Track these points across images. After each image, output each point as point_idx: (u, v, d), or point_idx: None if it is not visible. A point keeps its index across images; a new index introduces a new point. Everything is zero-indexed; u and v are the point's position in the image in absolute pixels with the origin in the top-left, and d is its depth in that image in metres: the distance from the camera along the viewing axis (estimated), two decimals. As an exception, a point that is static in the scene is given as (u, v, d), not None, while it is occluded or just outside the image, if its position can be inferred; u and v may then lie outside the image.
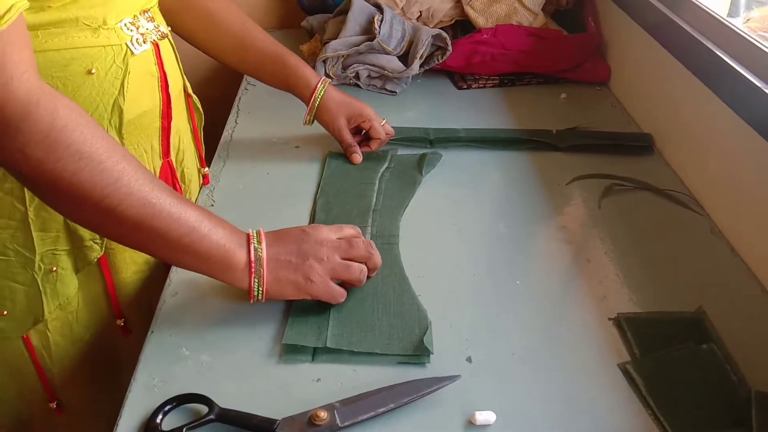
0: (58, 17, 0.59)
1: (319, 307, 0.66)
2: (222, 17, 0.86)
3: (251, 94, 1.13)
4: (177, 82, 0.76)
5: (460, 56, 1.13)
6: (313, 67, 1.12)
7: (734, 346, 0.64)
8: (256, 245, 0.61)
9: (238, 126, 1.03)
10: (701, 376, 0.61)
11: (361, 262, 0.66)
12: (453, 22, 1.21)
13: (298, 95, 0.90)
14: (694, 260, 0.77)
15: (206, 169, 0.88)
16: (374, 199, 0.84)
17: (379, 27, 1.08)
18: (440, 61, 1.12)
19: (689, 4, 0.93)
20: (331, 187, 0.86)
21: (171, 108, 0.74)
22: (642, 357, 0.63)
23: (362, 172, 0.89)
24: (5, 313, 0.68)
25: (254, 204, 0.85)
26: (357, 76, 1.12)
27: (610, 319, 0.68)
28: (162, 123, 0.74)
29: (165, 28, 0.74)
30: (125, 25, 0.66)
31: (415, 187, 0.87)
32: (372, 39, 1.08)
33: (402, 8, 1.19)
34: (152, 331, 0.65)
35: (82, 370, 0.76)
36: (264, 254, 0.61)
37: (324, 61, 1.10)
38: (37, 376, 0.74)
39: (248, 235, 0.62)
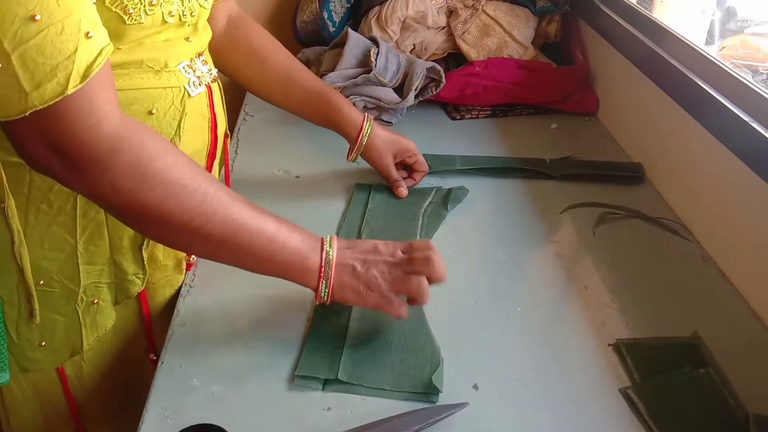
0: (125, 59, 0.61)
1: (334, 338, 0.68)
2: (269, 54, 0.89)
3: (249, 125, 1.15)
4: (222, 123, 0.78)
5: (454, 88, 1.16)
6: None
7: (729, 370, 0.66)
8: (328, 248, 0.64)
9: (238, 156, 1.05)
10: (700, 400, 0.63)
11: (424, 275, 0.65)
12: (446, 54, 1.25)
13: (343, 133, 0.92)
14: (687, 286, 0.80)
15: None
16: (418, 236, 0.86)
17: (375, 60, 1.11)
18: (434, 93, 1.15)
19: (673, 38, 0.98)
20: (375, 220, 0.88)
21: (216, 148, 0.76)
22: (642, 382, 0.65)
23: (406, 206, 0.91)
24: (44, 344, 0.69)
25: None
26: (353, 107, 1.14)
27: (609, 344, 0.70)
28: (207, 162, 0.76)
29: (215, 71, 0.75)
30: (183, 68, 0.68)
31: (439, 222, 0.89)
32: (368, 71, 1.11)
33: (396, 41, 1.22)
34: (162, 362, 0.65)
35: (109, 400, 0.77)
36: (333, 258, 0.63)
37: (321, 93, 1.12)
38: (68, 405, 0.74)
39: (322, 240, 0.64)
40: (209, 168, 0.76)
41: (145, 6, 0.59)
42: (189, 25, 0.66)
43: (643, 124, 1.05)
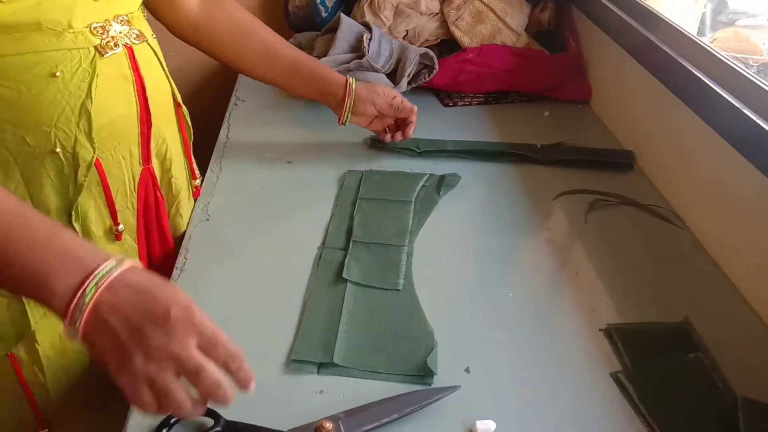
0: (19, 20, 0.59)
1: (328, 322, 0.68)
2: (252, 29, 0.89)
3: (241, 109, 1.14)
4: (162, 88, 0.76)
5: (447, 75, 1.16)
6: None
7: (719, 355, 0.67)
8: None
9: (229, 141, 1.04)
10: (690, 384, 0.63)
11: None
12: (438, 41, 1.24)
13: (330, 95, 0.93)
14: (677, 272, 0.80)
15: (197, 181, 0.89)
16: (410, 221, 0.85)
17: (368, 45, 1.10)
18: (427, 80, 1.14)
19: (666, 25, 0.97)
20: (367, 204, 0.88)
21: (150, 114, 0.73)
22: (633, 366, 0.65)
23: (399, 192, 0.91)
24: None
25: (251, 219, 0.85)
26: (346, 93, 1.14)
27: (600, 329, 0.70)
28: (141, 129, 0.73)
29: (146, 32, 0.73)
30: (94, 29, 0.66)
31: (432, 208, 0.89)
32: (361, 57, 1.10)
33: (389, 27, 1.22)
34: (153, 346, 0.65)
35: (78, 390, 0.74)
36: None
37: (313, 78, 1.12)
38: (25, 398, 0.70)
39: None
40: (146, 134, 0.73)
41: None
42: None
43: (636, 112, 1.05)
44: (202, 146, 1.05)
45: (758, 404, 0.61)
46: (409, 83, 1.13)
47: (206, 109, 1.20)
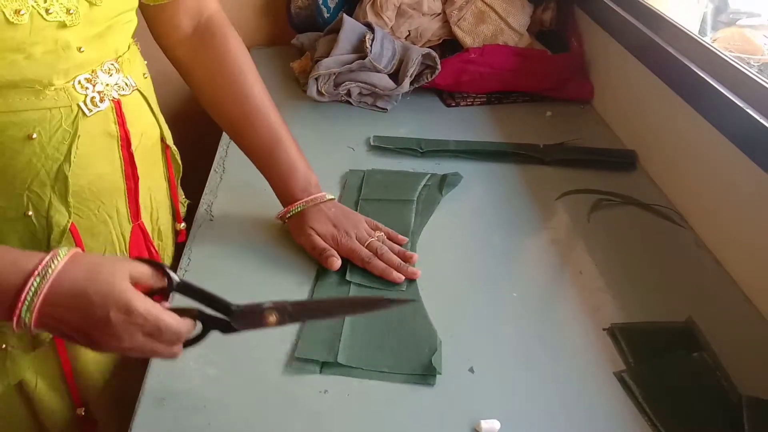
0: None
1: (332, 321, 0.67)
2: (240, 82, 0.77)
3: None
4: (151, 134, 0.70)
5: (449, 75, 1.16)
6: (305, 84, 1.14)
7: (723, 354, 0.67)
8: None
9: (231, 144, 1.03)
10: (694, 383, 0.63)
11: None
12: (441, 41, 1.24)
13: (282, 196, 0.81)
14: (681, 272, 0.80)
15: (182, 225, 0.82)
16: (413, 221, 0.85)
17: (371, 46, 1.10)
18: (429, 80, 1.14)
19: (669, 25, 0.97)
20: (369, 205, 0.88)
21: (136, 167, 0.67)
22: (637, 365, 0.65)
23: (401, 191, 0.90)
24: None
25: (254, 219, 0.85)
26: (348, 94, 1.14)
27: (604, 329, 0.70)
28: (127, 185, 0.66)
29: (136, 75, 0.67)
30: (79, 82, 0.58)
31: (434, 207, 0.89)
32: (363, 57, 1.10)
33: (391, 27, 1.22)
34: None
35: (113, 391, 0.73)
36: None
37: (316, 79, 1.12)
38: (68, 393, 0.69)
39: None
40: (133, 189, 0.67)
41: None
42: (71, 26, 0.56)
43: (638, 112, 1.05)
44: (206, 147, 1.06)
45: (763, 403, 0.61)
46: (411, 83, 1.13)
47: (199, 137, 1.20)
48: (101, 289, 0.49)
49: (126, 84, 0.64)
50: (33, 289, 0.48)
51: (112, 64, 0.63)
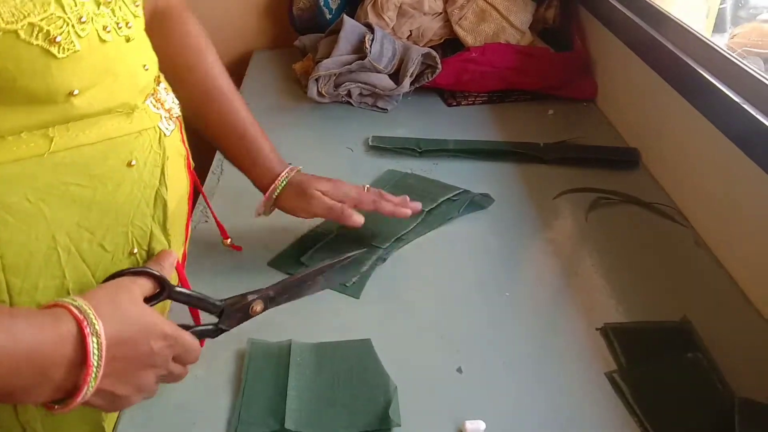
0: (89, 110, 0.49)
1: (274, 381, 0.62)
2: (196, 65, 0.72)
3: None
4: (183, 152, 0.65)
5: (450, 74, 1.15)
6: (306, 85, 1.14)
7: (718, 355, 0.66)
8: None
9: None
10: (687, 385, 0.62)
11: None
12: (442, 41, 1.24)
13: (257, 176, 0.77)
14: (679, 271, 0.79)
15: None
16: (406, 229, 0.82)
17: (370, 46, 1.10)
18: (430, 79, 1.14)
19: (672, 23, 0.96)
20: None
21: (199, 186, 0.65)
22: (628, 366, 0.64)
23: (421, 198, 0.84)
24: None
25: (250, 221, 0.86)
26: (349, 94, 1.14)
27: (597, 329, 0.69)
28: (189, 206, 0.64)
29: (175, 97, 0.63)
30: (151, 102, 0.56)
31: (443, 220, 0.85)
32: (363, 58, 1.10)
33: (392, 28, 1.22)
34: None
35: None
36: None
37: (316, 80, 1.12)
38: None
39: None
40: (191, 211, 0.64)
41: (71, 26, 0.45)
42: (132, 40, 0.53)
43: (641, 110, 1.04)
44: (204, 148, 1.06)
45: (756, 405, 0.59)
46: (412, 83, 1.13)
47: None
48: (136, 325, 0.47)
49: (175, 101, 0.61)
50: (96, 351, 0.43)
51: (161, 82, 0.59)
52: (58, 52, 0.44)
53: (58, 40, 0.44)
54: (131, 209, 0.53)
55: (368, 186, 0.79)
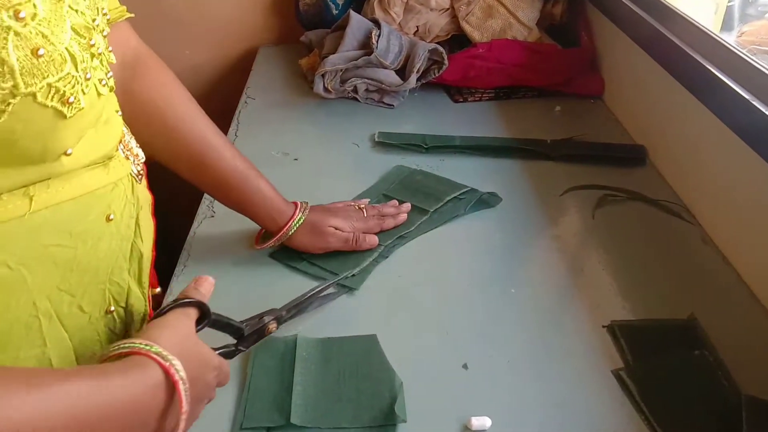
0: (74, 165, 0.47)
1: (279, 376, 0.62)
2: (177, 123, 0.68)
3: (250, 107, 1.15)
4: None
5: (456, 70, 1.15)
6: (312, 80, 1.14)
7: (725, 352, 0.65)
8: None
9: (238, 139, 1.05)
10: (693, 382, 0.62)
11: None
12: (449, 36, 1.24)
13: (268, 221, 0.76)
14: (686, 268, 0.78)
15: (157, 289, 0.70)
16: (411, 228, 0.82)
17: (377, 42, 1.10)
18: (437, 75, 1.13)
19: (680, 19, 0.95)
20: (387, 201, 0.87)
21: (156, 233, 0.61)
22: (635, 363, 0.64)
23: (427, 196, 0.87)
24: None
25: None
26: (355, 90, 1.14)
27: (603, 326, 0.69)
28: (153, 252, 0.60)
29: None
30: (122, 149, 0.53)
31: (448, 218, 0.85)
32: (369, 53, 1.10)
33: (399, 23, 1.21)
34: None
35: None
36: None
37: (323, 75, 1.12)
38: None
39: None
40: (155, 257, 0.61)
41: (81, 84, 0.44)
42: (113, 89, 0.51)
43: (648, 107, 1.03)
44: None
45: (763, 403, 0.59)
46: (418, 79, 1.13)
47: (219, 107, 1.21)
48: (197, 361, 0.47)
49: (137, 145, 0.59)
50: (185, 395, 0.43)
51: (126, 128, 0.57)
52: (68, 112, 0.43)
53: (71, 100, 0.43)
54: (110, 265, 0.51)
55: (364, 205, 0.83)
